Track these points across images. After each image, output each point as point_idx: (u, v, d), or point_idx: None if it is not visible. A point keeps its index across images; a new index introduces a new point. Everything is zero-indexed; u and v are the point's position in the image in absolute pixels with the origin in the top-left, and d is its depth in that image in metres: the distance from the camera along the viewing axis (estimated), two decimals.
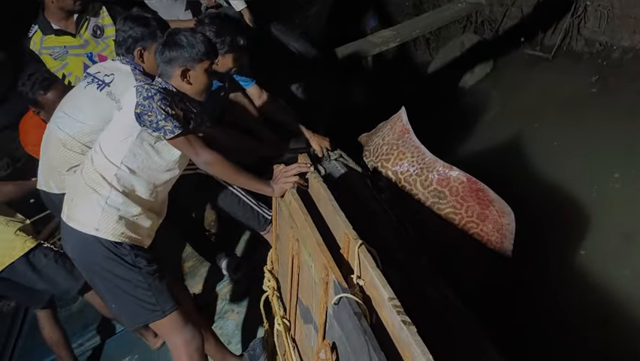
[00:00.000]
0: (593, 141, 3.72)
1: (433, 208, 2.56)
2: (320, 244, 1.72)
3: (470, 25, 6.03)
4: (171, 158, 2.14)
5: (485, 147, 4.27)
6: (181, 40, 2.03)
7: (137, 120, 1.98)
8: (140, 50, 2.41)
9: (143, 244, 2.15)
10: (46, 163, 2.56)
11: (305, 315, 2.02)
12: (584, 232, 3.20)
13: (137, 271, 2.08)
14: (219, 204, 2.69)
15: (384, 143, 2.74)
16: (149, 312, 2.12)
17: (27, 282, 2.79)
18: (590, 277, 2.98)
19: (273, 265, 2.53)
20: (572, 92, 4.50)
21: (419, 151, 2.58)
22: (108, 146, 2.08)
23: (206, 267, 3.51)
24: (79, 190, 2.10)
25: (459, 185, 2.49)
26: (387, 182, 2.68)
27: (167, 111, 1.94)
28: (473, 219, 2.51)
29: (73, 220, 2.07)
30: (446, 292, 2.11)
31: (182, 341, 2.17)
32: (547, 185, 3.58)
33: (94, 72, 2.50)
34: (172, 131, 1.96)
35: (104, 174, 2.05)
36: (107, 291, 2.12)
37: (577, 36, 5.04)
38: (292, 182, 2.14)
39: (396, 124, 2.71)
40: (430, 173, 2.54)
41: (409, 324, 1.33)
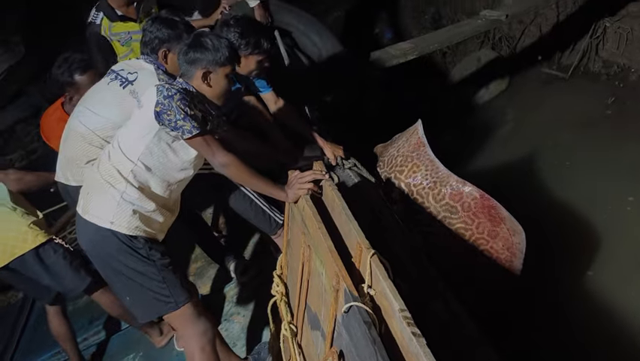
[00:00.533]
0: (606, 162, 3.71)
1: (444, 222, 2.56)
2: (332, 252, 1.73)
3: (488, 41, 6.04)
4: (187, 158, 2.16)
5: (497, 163, 4.27)
6: (206, 43, 2.07)
7: (155, 119, 2.01)
8: (165, 51, 2.45)
9: (156, 238, 2.18)
10: (65, 156, 2.59)
11: (313, 321, 2.03)
12: (594, 255, 3.19)
13: (151, 264, 2.10)
14: (232, 206, 2.71)
15: (398, 154, 2.75)
16: (163, 304, 2.14)
17: (34, 275, 2.80)
18: (598, 299, 2.97)
19: (283, 270, 2.54)
20: (588, 112, 4.50)
21: (433, 165, 2.59)
22: (126, 142, 2.11)
23: (214, 268, 3.52)
24: (95, 184, 2.13)
25: (471, 201, 2.50)
26: (399, 193, 2.69)
27: (185, 111, 1.97)
28: (484, 236, 2.51)
29: (89, 213, 2.10)
30: (454, 307, 2.11)
31: (196, 332, 2.20)
32: (558, 205, 3.57)
33: (117, 69, 2.54)
34: (190, 131, 1.99)
35: (121, 170, 2.08)
36: (120, 284, 2.14)
37: (595, 57, 5.04)
38: (307, 188, 2.15)
39: (412, 136, 2.72)
40: (443, 187, 2.55)
41: (419, 336, 1.34)
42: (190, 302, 2.19)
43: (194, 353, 2.20)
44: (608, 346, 2.74)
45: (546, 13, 5.40)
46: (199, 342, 2.20)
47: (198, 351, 2.20)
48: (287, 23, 4.24)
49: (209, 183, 2.59)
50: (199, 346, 2.20)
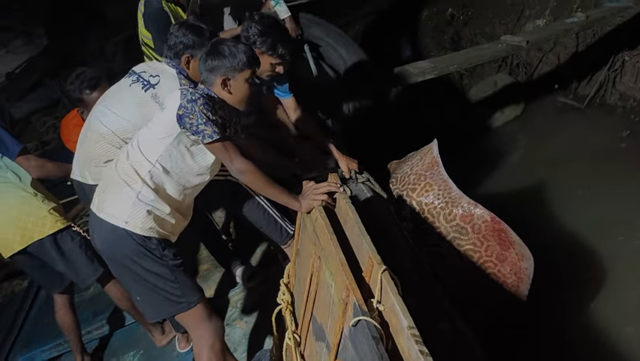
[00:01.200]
0: (618, 195, 3.71)
1: (453, 243, 2.57)
2: (343, 264, 1.75)
3: (505, 66, 6.06)
4: (204, 163, 2.19)
5: (508, 188, 4.27)
6: (223, 50, 2.10)
7: (177, 122, 2.03)
8: (188, 56, 2.47)
9: (169, 238, 2.20)
10: (83, 154, 2.61)
11: (318, 333, 2.04)
12: (600, 287, 3.18)
13: (164, 265, 2.13)
14: (244, 213, 2.73)
15: (412, 172, 2.77)
16: (175, 304, 2.16)
17: (50, 261, 2.85)
18: (600, 332, 2.96)
19: (290, 279, 2.56)
20: (601, 144, 4.49)
21: (446, 185, 2.60)
22: (146, 143, 2.13)
23: (221, 272, 3.53)
24: (111, 183, 2.16)
25: (482, 223, 2.51)
26: (410, 211, 2.70)
27: (208, 116, 2.00)
28: (492, 259, 2.52)
29: (103, 212, 2.12)
30: (460, 327, 2.11)
31: (208, 330, 2.22)
32: (567, 234, 3.57)
33: (139, 71, 2.56)
34: (210, 136, 2.01)
35: (138, 170, 2.10)
36: (132, 283, 2.16)
37: (612, 89, 5.04)
38: (321, 200, 2.18)
39: (426, 155, 2.74)
40: (454, 208, 2.56)
41: (427, 355, 1.35)
42: (201, 303, 2.21)
43: (203, 350, 2.22)
44: None
45: (565, 43, 5.41)
46: (209, 340, 2.22)
47: (207, 349, 2.22)
48: (317, 37, 4.32)
49: (224, 189, 2.61)
50: (209, 343, 2.22)
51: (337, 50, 4.28)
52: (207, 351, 2.21)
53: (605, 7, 4.68)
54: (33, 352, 3.58)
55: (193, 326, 2.23)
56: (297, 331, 2.30)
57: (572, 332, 2.98)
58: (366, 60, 4.34)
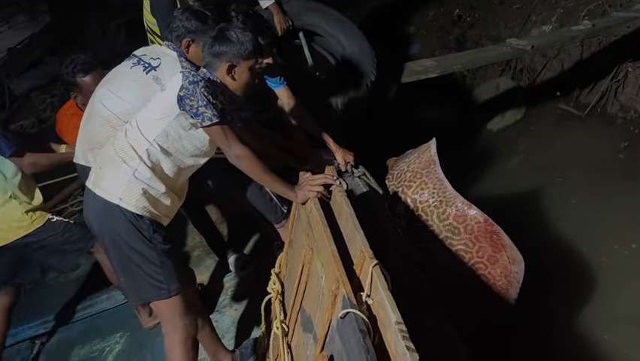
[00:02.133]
0: (613, 206, 3.71)
1: (445, 242, 2.57)
2: (335, 257, 1.75)
3: (508, 70, 6.05)
4: (200, 145, 2.19)
5: (504, 192, 4.27)
6: (231, 36, 2.11)
7: (177, 102, 2.04)
8: (189, 40, 2.48)
9: (161, 221, 2.19)
10: (87, 137, 2.61)
11: (306, 324, 2.04)
12: (589, 296, 3.19)
13: (152, 247, 2.12)
14: (241, 189, 2.73)
15: (408, 170, 2.76)
16: (156, 289, 2.15)
17: (27, 256, 2.91)
18: (585, 341, 2.97)
19: (281, 269, 2.56)
20: (599, 154, 4.49)
21: (442, 184, 2.61)
22: (144, 122, 2.14)
23: (212, 259, 3.53)
24: (108, 159, 2.16)
25: (475, 224, 2.51)
26: (404, 208, 2.70)
27: (208, 99, 2.00)
28: (483, 261, 2.52)
29: (99, 188, 2.12)
30: (445, 325, 2.12)
31: (181, 324, 2.20)
32: (560, 241, 3.57)
33: (140, 54, 2.56)
34: (210, 119, 2.02)
35: (136, 147, 2.11)
36: (118, 262, 2.16)
37: (613, 100, 5.03)
38: (316, 191, 2.17)
39: (424, 153, 2.74)
40: (448, 207, 2.56)
41: (413, 351, 1.35)
42: (181, 294, 2.19)
43: (175, 344, 2.20)
44: None
45: (570, 50, 5.40)
46: (182, 334, 2.20)
47: (180, 343, 2.19)
48: (312, 24, 4.18)
49: (222, 166, 2.60)
50: (182, 337, 2.19)
51: (335, 36, 4.14)
52: (180, 346, 2.19)
53: (612, 17, 4.66)
54: (19, 328, 3.58)
55: (169, 317, 2.21)
56: (286, 321, 2.30)
57: (558, 337, 3.00)
58: (368, 47, 4.18)
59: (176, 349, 2.19)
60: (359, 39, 4.16)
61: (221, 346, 2.66)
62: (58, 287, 3.79)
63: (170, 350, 2.21)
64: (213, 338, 2.61)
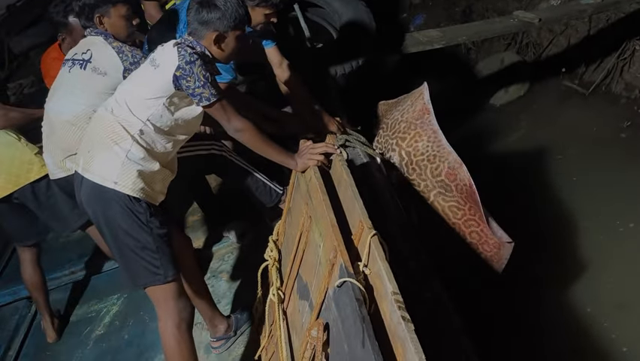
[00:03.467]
0: (613, 185, 3.72)
1: (438, 198, 2.55)
2: (334, 226, 1.75)
3: (514, 45, 5.98)
4: (195, 122, 2.17)
5: (504, 168, 4.27)
6: (219, 4, 2.03)
7: (173, 82, 1.98)
8: (99, 16, 2.44)
9: (156, 200, 2.15)
10: (59, 148, 2.53)
11: (302, 291, 2.05)
12: (581, 272, 3.22)
13: (148, 232, 2.07)
14: (233, 181, 2.75)
15: (402, 120, 2.70)
16: (152, 275, 2.11)
17: (33, 208, 2.77)
18: (572, 312, 3.01)
19: (279, 237, 2.56)
20: (601, 132, 4.49)
21: (436, 137, 2.55)
22: (135, 101, 2.05)
23: (209, 225, 3.53)
24: (97, 142, 2.08)
25: (463, 185, 2.49)
26: (399, 161, 2.67)
27: (206, 78, 1.95)
28: (475, 218, 2.50)
29: (91, 172, 2.05)
30: (441, 297, 2.13)
31: (175, 309, 2.17)
32: (558, 218, 3.59)
33: (71, 56, 2.51)
34: (208, 98, 1.98)
35: (128, 128, 2.03)
36: (115, 246, 2.11)
37: (618, 78, 4.99)
38: (316, 160, 2.16)
39: (417, 100, 2.67)
40: (441, 163, 2.52)
41: (408, 321, 1.36)
42: (177, 279, 2.18)
43: (169, 328, 2.17)
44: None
45: (577, 26, 5.34)
46: (176, 318, 2.17)
47: (173, 327, 2.17)
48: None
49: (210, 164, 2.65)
50: (175, 322, 2.17)
51: (332, 5, 4.06)
52: (173, 330, 2.17)
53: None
54: (17, 287, 3.60)
55: (163, 301, 2.18)
56: (282, 288, 2.31)
57: (546, 310, 3.04)
58: (367, 17, 4.08)
59: (169, 333, 2.17)
60: (358, 9, 4.07)
61: (217, 311, 2.68)
62: (57, 248, 3.81)
63: (164, 333, 2.19)
64: (210, 304, 2.63)
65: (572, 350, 2.87)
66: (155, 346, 2.86)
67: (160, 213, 2.16)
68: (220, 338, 2.71)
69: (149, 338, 2.93)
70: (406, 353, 1.32)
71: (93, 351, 3.01)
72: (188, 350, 2.19)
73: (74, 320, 3.27)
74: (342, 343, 1.52)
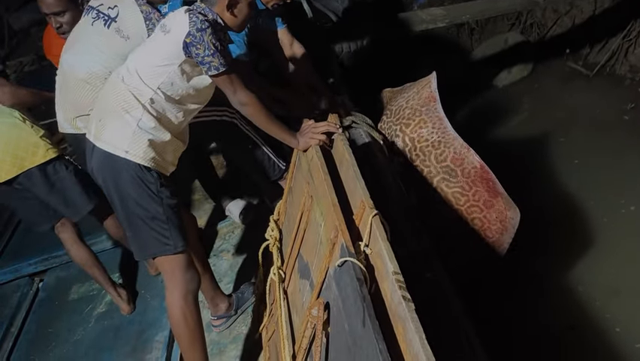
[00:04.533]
0: (615, 167, 3.71)
1: (441, 184, 2.56)
2: (335, 205, 1.74)
3: (518, 25, 5.93)
4: (203, 90, 2.13)
5: (506, 149, 4.25)
6: None
7: (183, 49, 1.95)
8: None
9: (167, 171, 2.14)
10: (71, 105, 2.49)
11: (303, 271, 2.06)
12: (582, 254, 3.22)
13: (159, 202, 2.06)
14: (239, 149, 2.72)
15: (407, 106, 2.70)
16: (161, 245, 2.11)
17: (39, 193, 2.69)
18: (573, 296, 3.02)
19: (280, 217, 2.56)
20: (605, 114, 4.46)
21: (441, 123, 2.55)
22: (145, 68, 2.03)
23: (211, 204, 3.53)
24: (108, 110, 2.06)
25: (472, 168, 2.48)
26: (402, 147, 2.67)
27: (216, 47, 1.92)
28: (479, 205, 2.51)
29: (102, 141, 2.04)
30: (442, 279, 2.14)
31: (183, 280, 2.17)
32: (560, 200, 3.59)
33: (97, 5, 2.41)
34: (217, 68, 1.95)
35: (139, 97, 2.01)
36: (124, 216, 2.11)
37: (623, 59, 4.96)
38: (318, 139, 2.15)
39: (423, 88, 2.66)
40: (446, 148, 2.52)
41: (409, 300, 1.36)
42: (186, 250, 2.17)
43: (176, 299, 2.18)
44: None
45: (582, 6, 5.28)
46: (183, 290, 2.18)
47: (180, 298, 2.17)
48: None
49: (219, 128, 2.60)
50: (182, 293, 2.17)
51: None
52: (180, 301, 2.17)
53: None
54: (19, 264, 3.62)
55: (171, 272, 2.18)
56: (283, 267, 2.32)
57: (547, 293, 3.06)
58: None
59: (176, 303, 2.18)
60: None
61: (219, 290, 2.70)
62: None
63: (170, 304, 2.20)
64: (212, 283, 2.64)
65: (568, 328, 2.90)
66: (156, 323, 2.88)
67: (171, 184, 2.15)
68: (221, 316, 2.72)
69: (150, 316, 2.95)
70: (406, 332, 1.32)
71: (95, 329, 3.03)
72: (193, 320, 2.20)
73: (76, 298, 3.29)
74: (342, 322, 1.53)
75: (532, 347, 2.82)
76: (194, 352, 2.22)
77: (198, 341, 2.22)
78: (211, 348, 2.55)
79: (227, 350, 2.66)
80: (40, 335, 3.11)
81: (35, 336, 3.12)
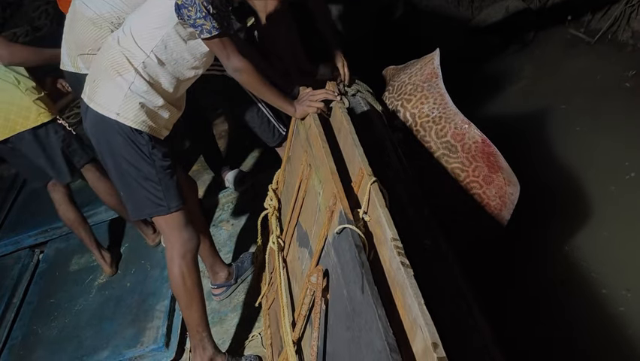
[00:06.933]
0: (616, 135, 3.68)
1: (441, 160, 2.56)
2: (333, 173, 1.73)
3: None
4: (200, 56, 2.10)
5: (506, 116, 4.22)
6: None
7: (176, 11, 1.92)
8: None
9: (160, 134, 2.13)
10: (74, 42, 2.49)
11: (302, 239, 2.06)
12: (581, 223, 3.22)
13: (151, 164, 2.06)
14: (238, 110, 2.67)
15: (409, 82, 2.68)
16: (155, 205, 2.12)
17: (30, 154, 2.75)
18: (571, 266, 3.03)
19: (278, 186, 2.55)
20: (606, 81, 4.41)
21: (442, 99, 2.54)
22: (139, 31, 2.01)
23: (210, 174, 3.53)
24: (102, 72, 2.05)
25: (473, 143, 2.48)
26: (403, 122, 2.66)
27: (208, 9, 1.89)
28: (478, 180, 2.51)
29: (94, 102, 2.03)
30: (441, 246, 2.14)
31: (180, 239, 2.19)
32: (559, 167, 3.57)
33: None
34: (209, 31, 1.92)
35: (131, 59, 2.00)
36: (117, 176, 2.12)
37: (625, 26, 4.88)
38: (316, 107, 2.13)
39: (426, 65, 2.65)
40: (447, 124, 2.52)
41: (407, 266, 1.36)
42: (181, 210, 2.18)
43: (174, 258, 2.20)
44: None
45: None
46: (180, 249, 2.19)
47: (179, 257, 2.19)
48: None
49: (220, 85, 2.54)
50: (180, 252, 2.19)
51: None
52: (178, 259, 2.19)
53: None
54: (19, 236, 3.63)
55: (168, 232, 2.20)
56: (282, 236, 2.32)
57: (543, 262, 3.05)
58: None
59: (175, 262, 2.20)
60: None
61: (219, 259, 2.71)
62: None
63: (170, 262, 2.22)
64: (212, 250, 2.65)
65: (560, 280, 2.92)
66: (157, 293, 2.90)
67: (164, 145, 2.15)
68: (221, 285, 2.74)
69: (150, 286, 2.97)
70: (405, 298, 1.32)
71: (96, 299, 3.05)
72: (191, 280, 2.22)
73: (77, 269, 3.31)
74: (341, 289, 1.53)
75: (530, 307, 2.84)
76: (192, 311, 2.26)
77: (196, 301, 2.25)
78: (212, 317, 2.58)
79: (227, 319, 2.68)
80: (42, 305, 3.14)
81: (37, 307, 3.15)
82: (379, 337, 1.23)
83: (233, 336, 2.60)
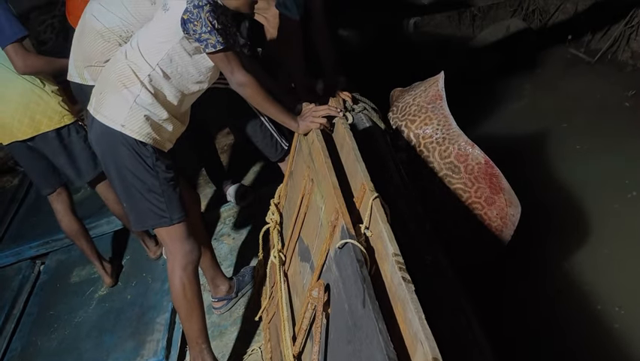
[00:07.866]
0: (616, 154, 3.70)
1: (444, 180, 2.57)
2: (335, 188, 1.75)
3: (520, 11, 5.90)
4: (205, 71, 2.12)
5: (507, 135, 4.25)
6: None
7: (181, 26, 1.95)
8: None
9: (164, 147, 2.16)
10: (82, 54, 2.53)
11: (303, 253, 2.07)
12: (581, 241, 3.22)
13: (154, 175, 2.09)
14: (241, 124, 2.70)
15: (413, 103, 2.72)
16: (158, 217, 2.14)
17: (51, 154, 2.79)
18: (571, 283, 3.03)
19: (280, 200, 2.57)
20: (606, 101, 4.44)
21: (446, 121, 2.57)
22: (146, 45, 2.05)
23: (212, 188, 3.55)
24: (108, 84, 2.09)
25: (475, 164, 2.51)
26: (406, 143, 2.68)
27: (213, 24, 1.92)
28: (480, 201, 2.53)
29: (100, 114, 2.07)
30: (441, 262, 2.14)
31: (182, 251, 2.20)
32: (559, 186, 3.58)
33: None
34: (214, 45, 1.95)
35: (137, 72, 2.03)
36: (121, 188, 2.14)
37: (625, 46, 4.94)
38: (319, 123, 2.15)
39: (431, 87, 2.68)
40: (451, 145, 2.55)
41: (409, 282, 1.37)
42: (183, 222, 2.20)
43: (176, 269, 2.22)
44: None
45: None
46: (182, 261, 2.21)
47: (180, 269, 2.21)
48: None
49: (223, 98, 2.56)
50: (182, 264, 2.21)
51: None
52: (179, 271, 2.21)
53: None
54: (20, 247, 3.64)
55: (170, 243, 2.22)
56: (283, 250, 2.33)
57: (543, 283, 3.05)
58: None
59: (176, 274, 2.22)
60: None
61: (220, 271, 2.72)
62: None
63: (171, 274, 2.24)
64: (213, 263, 2.66)
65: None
66: (157, 306, 2.90)
67: (167, 158, 2.17)
68: (222, 298, 2.74)
69: (151, 299, 2.98)
70: (406, 312, 1.33)
71: (96, 311, 3.05)
72: (192, 291, 2.24)
73: (77, 281, 3.31)
74: (342, 303, 1.54)
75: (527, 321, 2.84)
76: (192, 323, 2.27)
77: (196, 313, 2.26)
78: (212, 330, 2.58)
79: (227, 332, 2.68)
80: (42, 317, 3.14)
81: (37, 318, 3.14)
82: (380, 351, 1.24)
83: (233, 350, 2.60)
